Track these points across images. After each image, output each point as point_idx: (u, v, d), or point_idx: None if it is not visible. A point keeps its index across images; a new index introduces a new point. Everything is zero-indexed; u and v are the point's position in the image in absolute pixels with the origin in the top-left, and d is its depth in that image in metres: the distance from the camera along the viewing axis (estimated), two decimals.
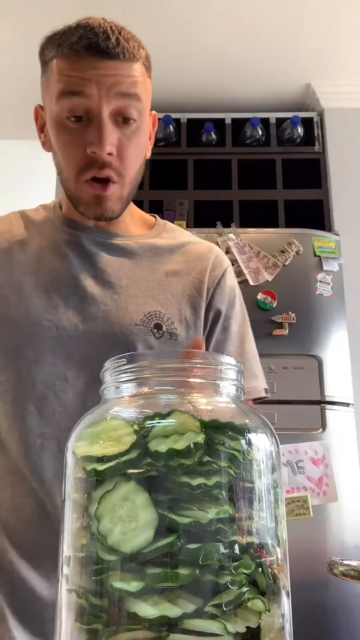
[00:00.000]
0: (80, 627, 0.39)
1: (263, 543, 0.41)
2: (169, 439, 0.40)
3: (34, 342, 0.87)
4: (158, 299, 0.94)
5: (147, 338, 0.89)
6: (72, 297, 0.90)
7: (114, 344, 0.87)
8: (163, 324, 0.92)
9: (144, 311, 0.91)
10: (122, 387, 0.46)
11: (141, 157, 0.90)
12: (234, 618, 0.37)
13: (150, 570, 0.37)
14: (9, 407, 0.87)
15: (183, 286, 0.97)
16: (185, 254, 1.01)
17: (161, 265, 0.97)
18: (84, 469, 0.42)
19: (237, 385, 0.47)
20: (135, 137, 0.86)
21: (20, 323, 0.87)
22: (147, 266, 0.96)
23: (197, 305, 0.97)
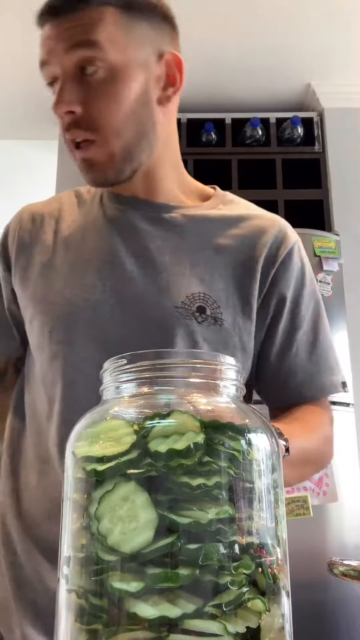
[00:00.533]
0: (80, 627, 0.39)
1: (263, 543, 0.41)
2: (169, 439, 0.40)
3: (68, 323, 0.81)
4: (204, 278, 0.84)
5: (187, 322, 0.80)
6: (110, 277, 0.83)
7: (151, 329, 0.80)
8: (207, 307, 0.82)
9: (187, 292, 0.82)
10: (122, 387, 0.46)
11: (121, 103, 0.78)
12: (234, 618, 0.37)
13: (150, 570, 0.37)
14: (46, 389, 0.82)
15: (232, 265, 0.86)
16: (242, 228, 0.89)
17: (211, 240, 0.87)
18: (84, 469, 0.42)
19: (237, 385, 0.47)
20: (104, 85, 0.77)
21: (56, 303, 0.82)
22: (194, 241, 0.87)
23: (248, 288, 0.85)
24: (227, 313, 0.83)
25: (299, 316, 0.89)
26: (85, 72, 0.77)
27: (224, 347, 0.82)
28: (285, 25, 2.55)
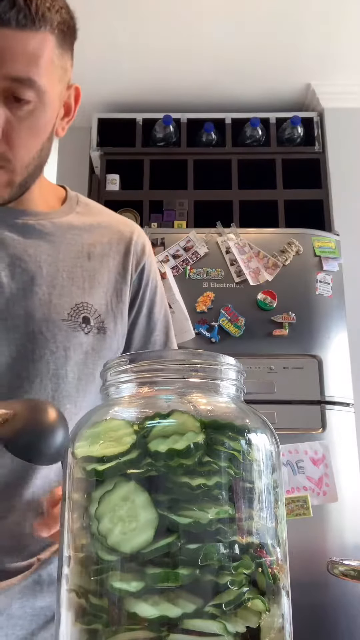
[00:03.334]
0: (80, 627, 0.39)
1: (263, 543, 0.41)
2: (169, 439, 0.40)
3: None
4: (84, 287, 0.85)
5: (76, 334, 0.81)
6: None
7: (40, 343, 0.79)
8: (91, 317, 0.83)
9: (70, 304, 0.82)
10: (122, 387, 0.46)
11: (40, 138, 0.78)
12: (234, 618, 0.37)
13: (150, 570, 0.37)
14: None
15: (108, 271, 0.88)
16: (106, 234, 0.91)
17: (82, 247, 0.87)
18: (84, 469, 0.42)
19: (237, 385, 0.47)
20: (30, 118, 0.74)
21: None
22: (67, 250, 0.86)
23: (122, 293, 0.89)
24: (109, 320, 0.85)
25: (153, 319, 0.94)
26: (16, 100, 0.72)
27: (108, 353, 0.85)
28: (285, 25, 2.55)
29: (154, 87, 2.90)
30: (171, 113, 2.86)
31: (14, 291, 0.80)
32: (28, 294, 0.80)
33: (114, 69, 2.74)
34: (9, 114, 0.72)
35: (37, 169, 0.81)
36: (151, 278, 0.94)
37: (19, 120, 0.73)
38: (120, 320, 0.87)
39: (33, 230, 0.84)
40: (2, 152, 0.74)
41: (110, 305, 0.86)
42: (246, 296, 2.26)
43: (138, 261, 0.92)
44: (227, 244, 2.37)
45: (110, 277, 0.88)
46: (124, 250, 0.91)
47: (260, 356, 2.20)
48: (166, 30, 2.54)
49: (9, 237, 0.82)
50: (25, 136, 0.75)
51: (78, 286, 0.84)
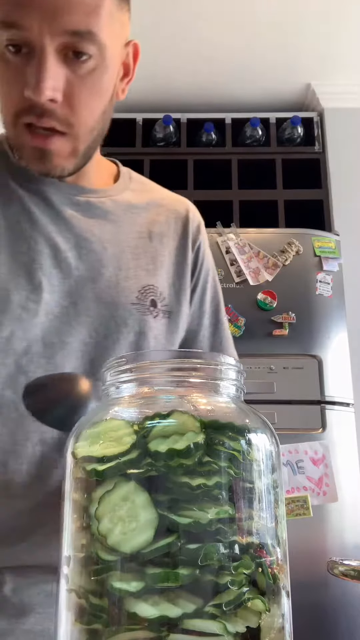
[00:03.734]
0: (81, 627, 0.39)
1: (263, 543, 0.41)
2: (169, 439, 0.40)
3: (22, 332, 0.71)
4: (148, 269, 0.81)
5: (145, 318, 0.77)
6: (55, 272, 0.74)
7: (112, 328, 0.75)
8: (158, 300, 0.80)
9: (137, 286, 0.78)
10: (122, 387, 0.46)
11: (103, 100, 0.71)
12: (234, 618, 0.37)
13: (150, 570, 0.37)
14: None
15: (169, 252, 0.85)
16: (162, 212, 0.87)
17: (142, 227, 0.84)
18: (84, 469, 0.42)
19: (237, 385, 0.47)
20: (92, 76, 0.68)
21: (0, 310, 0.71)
22: (129, 230, 0.82)
23: (184, 273, 0.86)
24: (173, 303, 0.82)
25: (205, 300, 0.91)
26: (76, 56, 0.66)
27: (174, 338, 0.82)
28: (285, 25, 2.55)
29: (154, 87, 2.90)
30: (171, 113, 2.85)
31: (82, 273, 0.75)
32: (96, 277, 0.76)
33: None
34: (69, 72, 0.66)
35: (99, 135, 0.75)
36: (206, 258, 0.91)
37: (80, 78, 0.67)
38: (184, 302, 0.85)
39: (95, 209, 0.80)
40: (64, 116, 0.68)
41: (173, 287, 0.84)
42: (246, 296, 2.26)
43: (194, 240, 0.89)
44: (227, 244, 2.37)
45: (171, 257, 0.85)
46: (181, 229, 0.88)
47: (260, 356, 2.20)
48: (166, 30, 2.54)
49: (73, 216, 0.77)
50: (87, 97, 0.68)
51: (142, 268, 0.80)
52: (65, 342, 0.73)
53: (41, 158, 0.70)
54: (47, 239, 0.75)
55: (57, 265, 0.75)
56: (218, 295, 0.94)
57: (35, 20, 0.62)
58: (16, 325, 0.71)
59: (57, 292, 0.74)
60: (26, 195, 0.76)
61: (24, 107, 0.67)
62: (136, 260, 0.80)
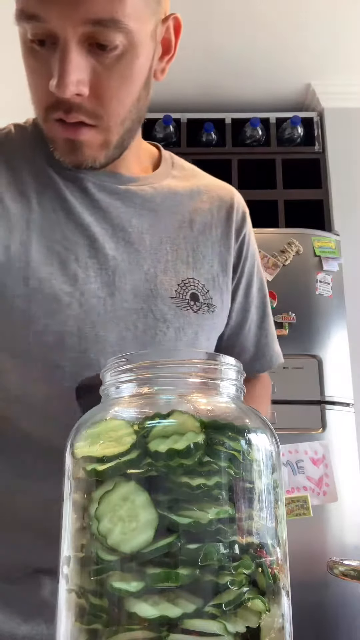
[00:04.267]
0: (80, 627, 0.39)
1: (263, 543, 0.41)
2: (169, 439, 0.40)
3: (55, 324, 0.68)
4: (188, 262, 0.78)
5: (185, 313, 0.74)
6: (92, 263, 0.71)
7: (150, 323, 0.72)
8: (199, 294, 0.76)
9: (177, 279, 0.75)
10: (122, 387, 0.46)
11: (134, 88, 0.67)
12: (234, 618, 0.37)
13: (150, 570, 0.37)
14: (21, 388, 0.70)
15: (212, 242, 0.81)
16: (206, 200, 0.84)
17: (184, 216, 0.80)
18: (84, 469, 0.42)
19: (237, 385, 0.47)
20: (120, 65, 0.64)
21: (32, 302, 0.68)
22: (169, 218, 0.79)
23: (227, 265, 0.82)
24: (216, 297, 0.79)
25: (251, 292, 0.88)
26: (101, 48, 0.62)
27: (216, 333, 0.80)
28: (285, 25, 2.55)
29: (154, 87, 2.90)
30: (171, 113, 2.86)
31: (119, 264, 0.73)
32: (134, 268, 0.73)
33: None
34: (94, 62, 0.62)
35: (135, 123, 0.72)
36: (251, 248, 0.88)
37: (106, 68, 0.63)
38: (226, 295, 0.81)
39: (135, 197, 0.77)
40: (92, 109, 0.65)
41: (217, 279, 0.80)
42: None
43: (239, 229, 0.86)
44: None
45: (214, 248, 0.81)
46: (225, 218, 0.84)
47: None
48: None
49: (111, 205, 0.75)
50: (116, 86, 0.65)
51: (182, 260, 0.77)
52: (100, 335, 0.70)
53: (72, 150, 0.68)
54: (83, 228, 0.73)
55: (94, 256, 0.72)
56: (264, 288, 0.91)
57: (55, 10, 0.59)
58: (49, 317, 0.68)
59: (92, 283, 0.71)
60: (63, 183, 0.74)
61: (52, 102, 0.64)
62: (175, 251, 0.77)
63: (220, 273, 0.81)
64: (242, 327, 0.88)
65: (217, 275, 0.80)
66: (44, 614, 0.67)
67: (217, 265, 0.81)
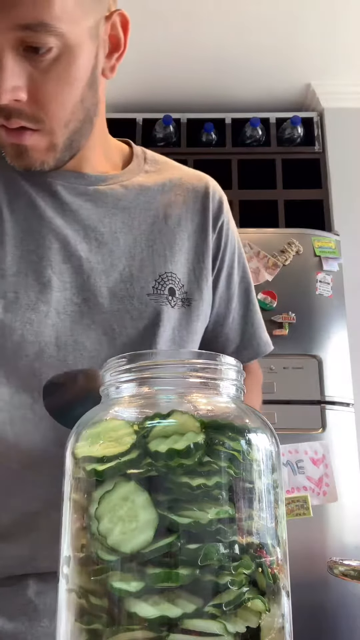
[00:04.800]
0: (80, 627, 0.39)
1: (263, 543, 0.41)
2: (169, 439, 0.40)
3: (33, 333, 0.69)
4: (165, 255, 0.77)
5: (164, 309, 0.74)
6: (66, 269, 0.72)
7: (128, 324, 0.72)
8: (176, 289, 0.76)
9: (154, 275, 0.75)
10: (122, 387, 0.46)
11: (75, 89, 0.66)
12: (234, 618, 0.37)
13: (150, 570, 0.37)
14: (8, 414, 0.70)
15: (188, 235, 0.80)
16: (180, 192, 0.83)
17: (157, 211, 0.80)
18: (84, 469, 0.42)
19: (237, 385, 0.47)
20: (56, 67, 0.63)
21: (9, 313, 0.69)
22: (142, 215, 0.78)
23: (204, 257, 0.81)
24: (193, 289, 0.78)
25: (233, 282, 0.87)
26: (35, 51, 0.61)
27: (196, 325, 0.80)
28: (285, 25, 2.55)
29: (154, 87, 2.90)
30: (171, 113, 2.86)
31: (93, 266, 0.73)
32: (108, 269, 0.73)
33: None
34: (30, 68, 0.62)
35: (84, 123, 0.71)
36: (230, 237, 0.86)
37: (43, 72, 0.62)
38: (205, 288, 0.80)
39: (105, 197, 0.76)
40: (32, 114, 0.64)
41: (193, 272, 0.79)
42: None
43: (215, 218, 0.84)
44: None
45: (190, 240, 0.80)
46: (201, 208, 0.83)
47: None
48: (166, 30, 2.54)
49: (82, 207, 0.75)
50: (54, 90, 0.64)
51: (159, 254, 0.77)
52: (78, 341, 0.71)
53: (19, 154, 0.68)
54: (55, 233, 0.72)
55: (67, 260, 0.72)
56: (247, 276, 0.90)
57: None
58: (27, 328, 0.69)
59: (68, 288, 0.71)
60: (33, 189, 0.74)
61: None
62: (151, 247, 0.77)
63: (197, 265, 0.80)
64: (226, 317, 0.88)
65: (194, 267, 0.80)
66: (27, 613, 0.69)
67: (193, 257, 0.80)
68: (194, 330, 0.80)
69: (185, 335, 0.78)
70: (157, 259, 0.77)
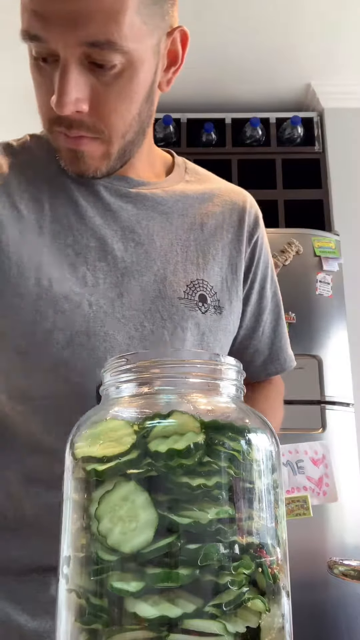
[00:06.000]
0: (80, 627, 0.39)
1: (263, 543, 0.41)
2: (169, 439, 0.40)
3: (64, 322, 0.70)
4: (198, 263, 0.79)
5: (193, 314, 0.75)
6: (101, 266, 0.74)
7: (158, 324, 0.74)
8: (207, 295, 0.78)
9: (186, 280, 0.77)
10: (122, 387, 0.46)
11: (135, 103, 0.69)
12: (234, 618, 0.37)
13: (150, 570, 0.37)
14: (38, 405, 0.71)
15: (222, 245, 0.83)
16: (218, 203, 0.85)
17: (194, 219, 0.82)
18: (84, 469, 0.42)
19: (237, 385, 0.47)
20: (119, 82, 0.66)
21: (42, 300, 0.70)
22: (180, 221, 0.81)
23: (237, 268, 0.83)
24: (224, 299, 0.80)
25: (265, 296, 0.90)
26: (99, 67, 0.64)
27: (224, 335, 0.81)
28: (285, 25, 2.55)
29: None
30: (171, 113, 2.86)
31: (128, 265, 0.75)
32: (143, 269, 0.75)
33: None
34: (93, 80, 0.65)
35: (138, 135, 0.74)
36: (263, 252, 0.89)
37: (105, 86, 0.65)
38: (235, 299, 0.82)
39: (146, 200, 0.79)
40: (92, 124, 0.68)
41: (225, 282, 0.81)
42: None
43: (251, 233, 0.87)
44: None
45: (225, 251, 0.83)
46: (237, 221, 0.86)
47: None
48: None
49: (122, 208, 0.77)
50: (115, 102, 0.67)
51: (192, 262, 0.79)
52: (109, 334, 0.72)
53: (75, 159, 0.71)
54: (94, 232, 0.75)
55: (104, 258, 0.74)
56: (278, 292, 0.94)
57: (55, 32, 0.62)
58: (59, 316, 0.70)
59: (101, 284, 0.73)
60: (75, 187, 0.77)
61: (55, 117, 0.67)
62: (185, 253, 0.79)
63: (229, 275, 0.82)
64: (256, 330, 0.90)
65: (226, 277, 0.82)
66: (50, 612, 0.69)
67: (227, 267, 0.82)
68: (224, 339, 0.81)
69: (213, 342, 0.79)
70: (190, 266, 0.79)
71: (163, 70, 0.74)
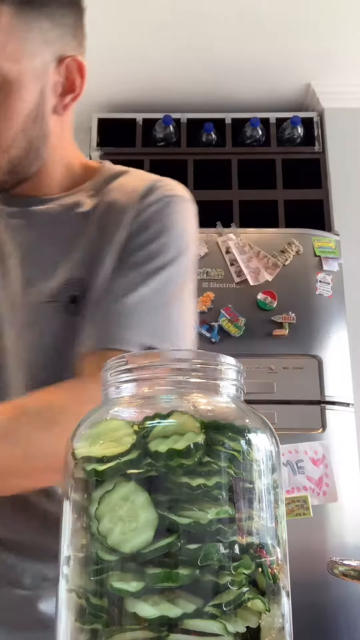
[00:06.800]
0: (80, 627, 0.39)
1: (263, 543, 0.41)
2: (169, 439, 0.40)
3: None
4: (74, 264, 0.79)
5: (61, 317, 0.76)
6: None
7: (23, 332, 0.76)
8: (79, 296, 0.78)
9: (57, 282, 0.78)
10: (122, 387, 0.46)
11: (15, 120, 0.73)
12: (234, 618, 0.37)
13: (150, 570, 0.37)
14: None
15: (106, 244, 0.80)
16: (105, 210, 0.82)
17: (77, 228, 0.81)
18: (84, 469, 0.42)
19: (237, 385, 0.47)
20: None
21: None
22: (59, 230, 0.81)
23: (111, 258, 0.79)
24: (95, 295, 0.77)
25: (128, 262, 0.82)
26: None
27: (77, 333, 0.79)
28: (285, 26, 2.55)
29: (154, 87, 2.90)
30: (171, 113, 2.86)
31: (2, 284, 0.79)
32: (6, 284, 0.79)
33: (113, 69, 2.74)
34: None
35: (29, 151, 0.76)
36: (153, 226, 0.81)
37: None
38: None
39: (34, 216, 0.81)
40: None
41: (102, 281, 0.78)
42: (246, 296, 2.26)
43: (135, 234, 0.80)
44: (227, 244, 2.37)
45: (112, 249, 0.79)
46: (120, 223, 0.81)
47: (260, 356, 2.20)
48: (166, 31, 2.54)
49: (8, 224, 0.81)
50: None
51: (65, 263, 0.79)
52: (4, 364, 0.76)
53: None
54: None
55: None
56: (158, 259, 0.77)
57: None
58: None
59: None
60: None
61: None
62: (56, 257, 0.79)
63: (108, 275, 0.78)
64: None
65: (106, 277, 0.78)
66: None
67: (108, 265, 0.78)
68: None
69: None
70: (61, 269, 0.79)
71: (58, 95, 0.78)
